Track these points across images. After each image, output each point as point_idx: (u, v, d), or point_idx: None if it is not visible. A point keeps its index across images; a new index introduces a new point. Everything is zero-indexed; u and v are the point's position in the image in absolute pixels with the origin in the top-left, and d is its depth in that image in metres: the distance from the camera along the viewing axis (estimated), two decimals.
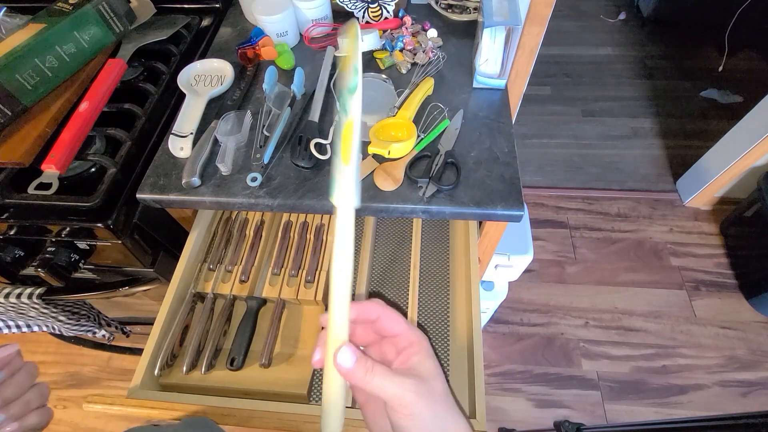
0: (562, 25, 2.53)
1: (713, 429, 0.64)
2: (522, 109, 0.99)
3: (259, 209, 0.63)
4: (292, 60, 0.77)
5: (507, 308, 1.56)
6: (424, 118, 0.68)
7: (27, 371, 0.43)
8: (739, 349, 1.45)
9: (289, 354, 0.68)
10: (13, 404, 0.40)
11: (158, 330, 0.64)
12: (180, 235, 0.76)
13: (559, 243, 1.72)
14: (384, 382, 0.29)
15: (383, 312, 0.33)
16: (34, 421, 0.41)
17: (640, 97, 2.16)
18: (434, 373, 0.31)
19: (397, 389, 0.29)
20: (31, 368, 0.44)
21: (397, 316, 0.34)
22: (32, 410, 0.42)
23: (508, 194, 0.60)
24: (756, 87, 2.07)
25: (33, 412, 0.42)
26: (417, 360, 0.31)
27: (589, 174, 1.90)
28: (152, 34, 0.84)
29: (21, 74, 0.66)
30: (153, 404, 0.58)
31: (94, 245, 0.72)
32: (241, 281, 0.70)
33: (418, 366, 0.31)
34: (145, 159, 0.71)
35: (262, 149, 0.63)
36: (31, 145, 0.65)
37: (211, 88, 0.73)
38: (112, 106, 0.74)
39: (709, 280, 1.60)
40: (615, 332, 1.51)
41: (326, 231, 0.77)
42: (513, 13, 0.63)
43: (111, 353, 1.31)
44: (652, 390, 1.39)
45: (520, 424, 1.33)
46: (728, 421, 0.62)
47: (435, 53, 0.76)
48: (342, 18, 0.82)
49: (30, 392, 0.42)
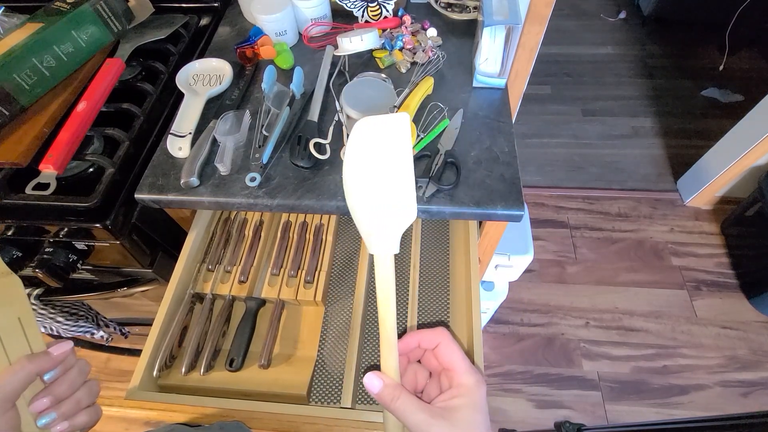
0: (562, 24, 2.53)
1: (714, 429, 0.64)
2: (522, 108, 0.99)
3: (258, 209, 0.63)
4: (291, 59, 0.76)
5: (507, 308, 1.55)
6: (423, 118, 0.68)
7: (79, 369, 0.42)
8: (740, 349, 1.45)
9: (289, 355, 0.67)
10: (64, 402, 0.40)
11: (157, 331, 0.63)
12: (179, 236, 0.76)
13: (560, 243, 1.71)
14: (407, 412, 0.30)
15: (443, 340, 0.34)
16: (84, 420, 0.41)
17: (641, 97, 2.16)
18: (472, 426, 0.30)
19: (420, 423, 0.30)
20: (84, 366, 0.43)
21: (457, 350, 0.34)
22: (82, 409, 0.41)
23: (508, 194, 0.60)
24: (757, 86, 2.07)
25: (83, 411, 0.41)
26: (458, 403, 0.31)
27: (589, 173, 1.90)
28: (150, 34, 0.83)
29: (18, 74, 0.66)
30: (152, 405, 0.58)
31: (93, 246, 0.71)
32: (240, 282, 0.70)
33: (456, 411, 0.31)
34: (144, 159, 0.71)
35: (261, 149, 0.63)
36: (29, 146, 0.65)
37: (209, 88, 0.72)
38: (110, 106, 0.74)
39: (710, 279, 1.60)
40: (615, 332, 1.50)
41: (325, 231, 0.76)
42: (513, 12, 0.63)
43: (109, 354, 1.31)
44: (652, 390, 1.39)
45: (521, 425, 1.33)
46: (729, 421, 0.62)
47: (434, 52, 0.75)
48: (341, 17, 0.82)
49: (81, 390, 0.41)
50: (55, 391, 0.39)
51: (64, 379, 0.40)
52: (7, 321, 0.40)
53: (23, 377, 0.38)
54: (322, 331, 0.68)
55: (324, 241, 0.75)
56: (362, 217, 0.35)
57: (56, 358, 0.41)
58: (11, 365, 0.38)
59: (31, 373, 0.38)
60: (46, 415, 0.39)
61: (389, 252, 0.34)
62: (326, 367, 0.64)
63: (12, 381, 0.37)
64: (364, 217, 0.35)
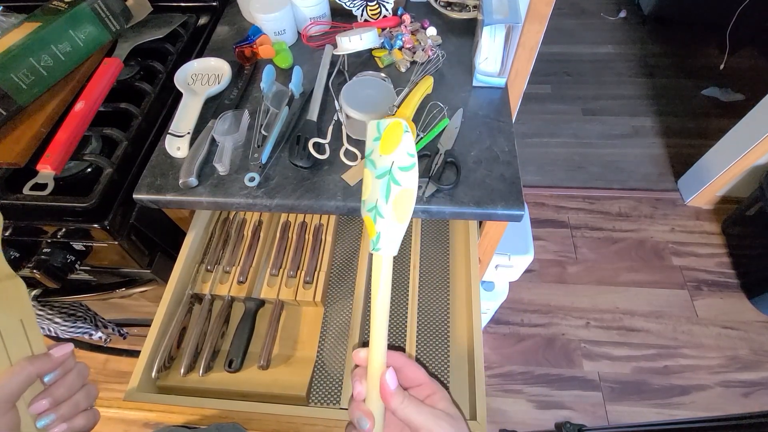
0: (562, 23, 2.52)
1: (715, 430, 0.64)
2: (522, 107, 0.99)
3: (257, 209, 0.63)
4: (290, 59, 0.76)
5: (507, 309, 1.55)
6: (423, 117, 0.67)
7: (78, 371, 0.42)
8: (741, 349, 1.45)
9: (288, 355, 0.67)
10: (63, 405, 0.40)
11: (155, 332, 0.63)
12: (177, 236, 0.76)
13: (560, 243, 1.71)
14: (419, 410, 0.33)
15: (406, 362, 0.37)
16: (82, 423, 0.41)
17: (641, 96, 2.15)
18: (461, 417, 0.35)
19: (430, 420, 0.33)
20: (83, 369, 0.43)
21: (419, 367, 0.38)
22: (80, 412, 0.41)
23: (508, 194, 0.59)
24: (757, 85, 2.06)
25: (81, 413, 0.41)
26: (444, 405, 0.35)
27: (589, 173, 1.89)
28: (149, 33, 0.83)
29: (16, 73, 0.66)
30: (150, 407, 0.57)
31: (91, 246, 0.71)
32: (239, 282, 0.70)
33: (446, 409, 0.35)
34: (142, 159, 0.70)
35: (260, 149, 0.63)
36: (27, 146, 0.64)
37: (208, 87, 0.72)
38: (108, 106, 0.73)
39: (711, 279, 1.60)
40: (616, 332, 1.50)
41: (325, 231, 0.76)
42: (513, 11, 0.62)
43: (107, 355, 1.31)
44: (653, 391, 1.38)
45: (521, 426, 1.32)
46: (730, 421, 0.61)
47: (434, 51, 0.75)
48: (340, 16, 0.82)
49: (79, 393, 0.42)
50: (54, 393, 0.40)
51: (63, 382, 0.41)
52: (10, 323, 0.40)
53: (24, 379, 0.38)
54: (321, 332, 0.67)
55: (323, 242, 0.75)
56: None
57: (56, 360, 0.41)
58: (12, 366, 0.38)
59: (31, 375, 0.38)
60: (46, 416, 0.39)
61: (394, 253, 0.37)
62: (326, 367, 0.64)
63: (12, 382, 0.37)
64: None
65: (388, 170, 0.37)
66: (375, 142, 0.39)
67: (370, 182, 0.38)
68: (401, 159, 0.37)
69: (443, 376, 0.63)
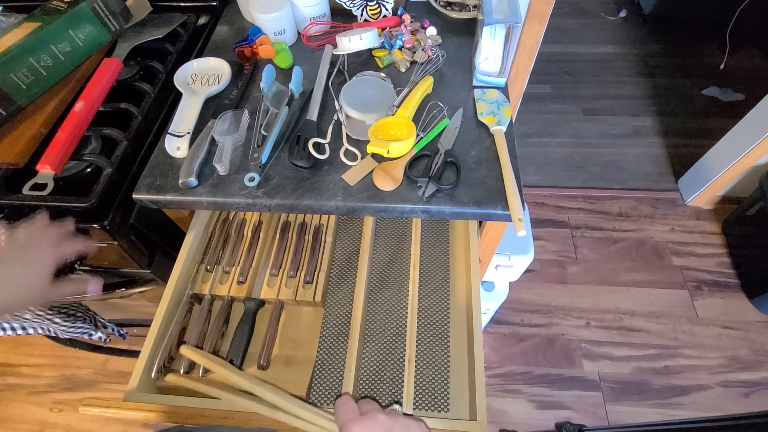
0: (562, 23, 2.52)
1: (715, 430, 0.64)
2: (522, 107, 0.98)
3: (257, 209, 0.63)
4: (290, 59, 0.76)
5: (507, 309, 1.55)
6: (423, 117, 0.67)
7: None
8: (742, 350, 1.44)
9: (288, 356, 0.67)
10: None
11: (155, 332, 0.63)
12: (177, 236, 0.76)
13: (560, 243, 1.71)
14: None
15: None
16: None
17: (641, 96, 2.15)
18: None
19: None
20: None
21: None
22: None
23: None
24: (758, 85, 2.07)
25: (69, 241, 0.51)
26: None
27: (590, 173, 1.89)
28: (148, 33, 0.83)
29: (15, 73, 0.65)
30: (150, 407, 0.57)
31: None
32: (239, 282, 0.70)
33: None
34: (142, 159, 0.70)
35: (260, 149, 0.63)
36: (26, 146, 0.64)
37: (208, 87, 0.72)
38: (108, 106, 0.73)
39: (711, 279, 1.59)
40: (616, 333, 1.50)
41: (325, 231, 0.76)
42: (513, 11, 0.62)
43: (107, 356, 1.31)
44: (654, 391, 1.38)
45: (522, 426, 1.32)
46: (730, 421, 0.61)
47: (434, 51, 0.75)
48: (340, 16, 0.82)
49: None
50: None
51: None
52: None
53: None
54: (321, 332, 0.67)
55: (323, 242, 0.75)
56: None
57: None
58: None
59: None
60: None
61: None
62: (326, 367, 0.64)
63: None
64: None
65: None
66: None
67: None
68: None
69: (443, 376, 0.62)
